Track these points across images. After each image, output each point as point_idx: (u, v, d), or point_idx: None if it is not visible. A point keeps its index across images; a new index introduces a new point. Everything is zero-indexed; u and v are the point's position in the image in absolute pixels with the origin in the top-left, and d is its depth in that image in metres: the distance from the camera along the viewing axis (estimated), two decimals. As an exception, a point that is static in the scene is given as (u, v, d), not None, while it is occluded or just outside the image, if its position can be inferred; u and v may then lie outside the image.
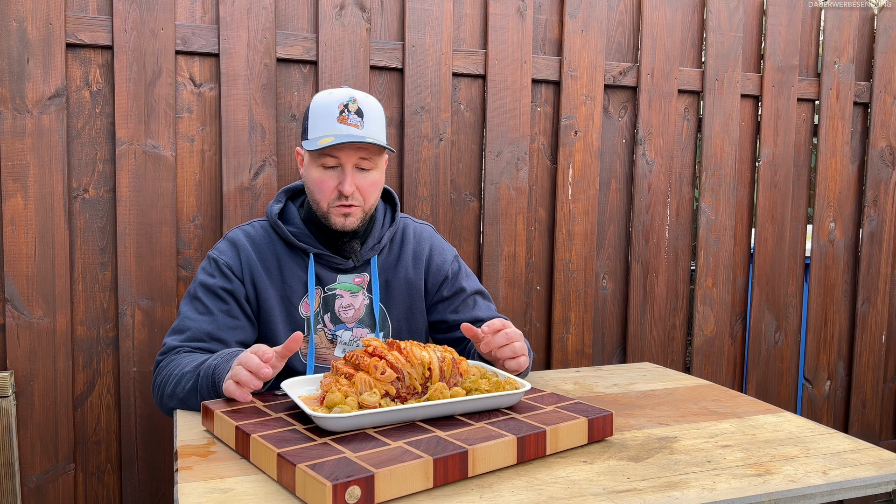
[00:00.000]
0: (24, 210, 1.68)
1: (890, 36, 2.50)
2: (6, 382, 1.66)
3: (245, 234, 1.53)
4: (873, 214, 2.54)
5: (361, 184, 1.45)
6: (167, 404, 1.38)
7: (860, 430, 2.59)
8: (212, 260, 1.50)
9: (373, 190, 1.47)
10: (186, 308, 1.47)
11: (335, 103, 1.43)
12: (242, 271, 1.49)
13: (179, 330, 1.45)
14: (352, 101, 1.43)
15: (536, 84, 2.12)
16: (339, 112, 1.42)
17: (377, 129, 1.46)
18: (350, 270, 1.54)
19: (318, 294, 1.51)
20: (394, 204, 1.63)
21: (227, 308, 1.46)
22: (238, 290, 1.47)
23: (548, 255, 2.17)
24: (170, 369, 1.38)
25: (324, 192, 1.44)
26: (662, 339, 2.31)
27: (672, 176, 2.27)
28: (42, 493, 1.74)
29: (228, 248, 1.51)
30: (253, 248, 1.51)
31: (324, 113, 1.43)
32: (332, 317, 1.52)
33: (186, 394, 1.32)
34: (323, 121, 1.43)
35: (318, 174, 1.45)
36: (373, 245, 1.55)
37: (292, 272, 1.50)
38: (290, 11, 1.87)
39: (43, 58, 1.66)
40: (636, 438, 1.20)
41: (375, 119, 1.46)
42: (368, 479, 0.89)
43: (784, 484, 1.02)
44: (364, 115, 1.43)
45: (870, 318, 2.57)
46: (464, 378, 1.20)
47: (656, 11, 2.21)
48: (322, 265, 1.52)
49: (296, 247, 1.51)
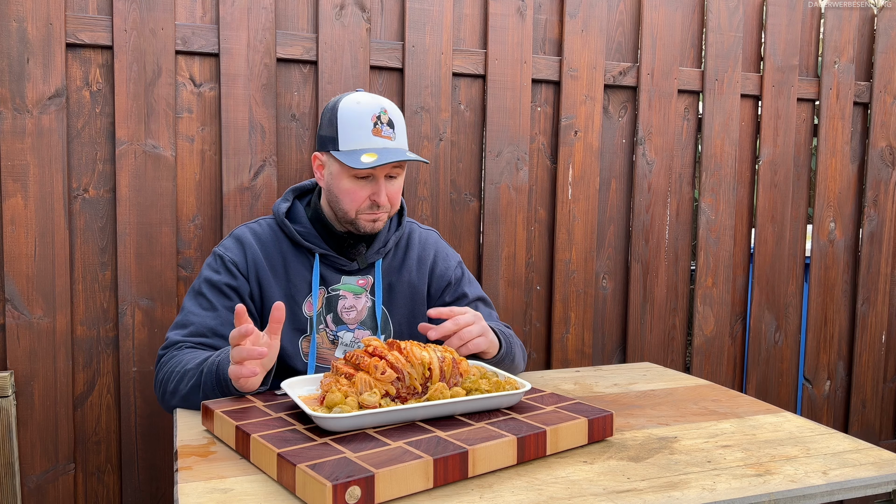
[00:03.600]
0: (24, 210, 1.68)
1: (890, 36, 2.50)
2: (6, 382, 1.66)
3: (252, 231, 1.53)
4: (873, 214, 2.54)
5: (391, 192, 1.47)
6: (169, 402, 1.37)
7: (860, 430, 2.59)
8: (217, 256, 1.50)
9: (398, 195, 1.50)
10: (190, 303, 1.47)
11: (367, 114, 1.42)
12: (248, 269, 1.49)
13: (182, 325, 1.44)
14: (383, 112, 1.43)
15: (536, 84, 2.12)
16: (372, 124, 1.42)
17: (404, 137, 1.48)
18: (354, 272, 1.54)
19: (321, 294, 1.51)
20: (401, 208, 1.63)
21: (231, 305, 1.46)
22: (243, 288, 1.48)
23: (548, 255, 2.17)
24: (171, 365, 1.38)
25: (356, 202, 1.45)
26: (662, 338, 2.31)
27: (672, 176, 2.27)
28: (42, 493, 1.74)
29: (235, 245, 1.51)
30: (259, 245, 1.51)
31: (357, 124, 1.42)
32: (334, 317, 1.52)
33: (189, 391, 1.32)
34: (357, 133, 1.42)
35: (349, 185, 1.44)
36: (378, 248, 1.55)
37: (297, 271, 1.51)
38: (290, 11, 1.87)
39: (43, 58, 1.66)
40: (636, 438, 1.20)
41: (402, 128, 1.47)
42: (368, 479, 0.89)
43: (784, 484, 1.02)
44: (395, 126, 1.44)
45: (870, 318, 2.57)
46: (464, 378, 1.20)
47: (656, 11, 2.21)
48: (327, 266, 1.52)
49: (302, 246, 1.51)
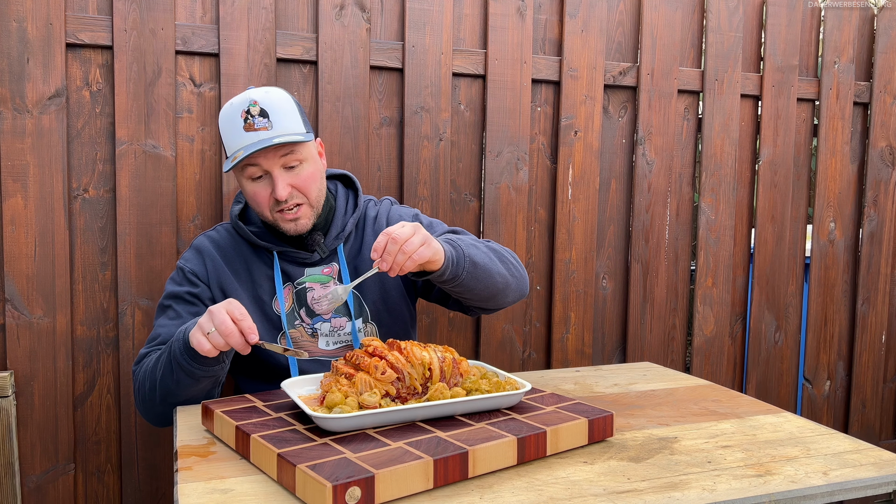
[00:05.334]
0: (24, 210, 1.67)
1: (890, 36, 2.50)
2: (6, 382, 1.66)
3: (210, 239, 1.53)
4: (873, 214, 2.54)
5: (295, 182, 1.40)
6: (148, 406, 1.36)
7: (860, 430, 2.59)
8: (178, 269, 1.50)
9: (310, 183, 1.42)
10: (158, 318, 1.47)
11: (236, 113, 1.37)
12: (208, 276, 1.48)
13: (152, 339, 1.45)
14: (252, 104, 1.37)
15: (536, 84, 2.12)
16: (243, 121, 1.36)
17: (289, 123, 1.39)
18: (317, 263, 1.52)
19: (289, 291, 1.50)
20: (355, 190, 1.60)
21: (197, 311, 1.45)
22: (203, 294, 1.47)
23: (548, 255, 2.17)
24: (143, 368, 1.38)
25: (261, 204, 1.42)
26: (662, 339, 2.31)
27: (672, 176, 2.27)
28: (42, 493, 1.74)
29: (193, 255, 1.51)
30: (218, 252, 1.50)
31: (230, 127, 1.39)
32: (307, 311, 1.50)
33: (163, 372, 1.30)
34: (232, 135, 1.38)
35: (249, 188, 1.42)
36: (337, 234, 1.53)
37: (260, 271, 1.50)
38: (290, 11, 1.87)
39: (43, 58, 1.66)
40: (636, 439, 1.20)
41: (284, 112, 1.39)
42: (369, 479, 0.89)
43: (784, 485, 1.02)
44: (270, 113, 1.37)
45: (870, 318, 2.57)
46: (464, 378, 1.20)
47: (656, 11, 2.20)
48: (287, 261, 1.51)
49: (259, 246, 1.50)
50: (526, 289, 1.53)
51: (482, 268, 1.37)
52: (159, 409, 1.35)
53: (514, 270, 1.47)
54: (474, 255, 1.36)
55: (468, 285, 1.37)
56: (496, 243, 1.53)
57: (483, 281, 1.38)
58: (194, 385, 1.29)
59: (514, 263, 1.49)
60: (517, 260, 1.52)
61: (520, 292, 1.52)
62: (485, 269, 1.38)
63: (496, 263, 1.42)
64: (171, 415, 1.36)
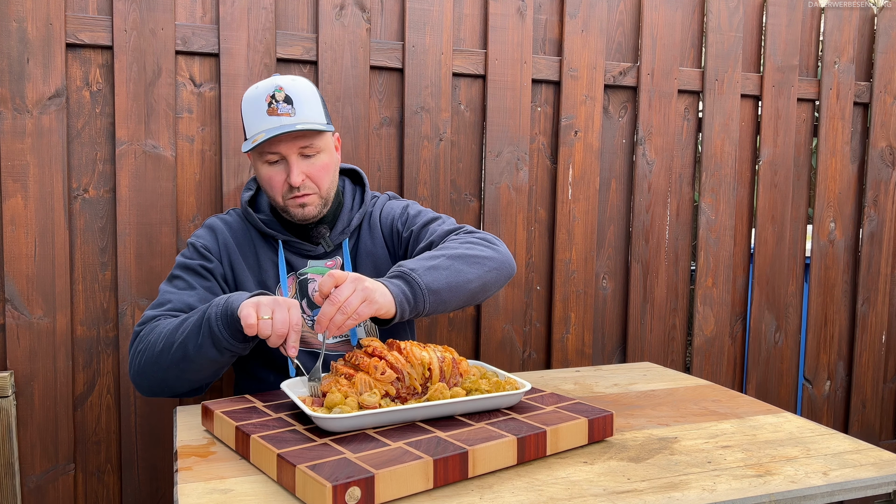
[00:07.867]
0: (24, 210, 1.67)
1: (890, 36, 2.50)
2: (6, 382, 1.66)
3: (222, 220, 1.55)
4: (873, 214, 2.54)
5: (310, 171, 1.42)
6: (147, 369, 1.30)
7: (860, 430, 2.59)
8: (189, 244, 1.50)
9: (324, 174, 1.44)
10: (166, 286, 1.44)
11: (261, 96, 1.40)
12: (220, 253, 1.49)
13: (160, 303, 1.40)
14: (278, 90, 1.39)
15: (536, 84, 2.12)
16: (267, 105, 1.38)
17: (312, 112, 1.41)
18: (322, 256, 1.53)
19: (292, 280, 1.51)
20: (363, 186, 1.60)
21: (209, 285, 1.45)
22: (216, 269, 1.47)
23: (548, 255, 2.17)
24: (157, 331, 1.31)
25: (275, 188, 1.44)
26: (662, 339, 2.31)
27: (672, 176, 2.27)
28: (42, 493, 1.74)
29: (206, 232, 1.52)
30: (230, 233, 1.52)
31: (253, 109, 1.41)
32: (308, 302, 1.51)
33: (187, 334, 1.24)
34: (254, 118, 1.41)
35: (264, 171, 1.44)
36: (343, 229, 1.54)
37: (267, 258, 1.51)
38: (290, 11, 1.87)
39: (43, 58, 1.66)
40: (636, 439, 1.20)
41: (308, 101, 1.41)
42: (368, 479, 0.89)
43: (784, 485, 1.02)
44: (294, 100, 1.39)
45: (870, 318, 2.57)
46: (464, 378, 1.20)
47: (656, 11, 2.20)
48: (292, 252, 1.52)
49: (266, 234, 1.52)
50: (510, 269, 1.42)
51: (448, 289, 1.28)
52: (161, 374, 1.29)
53: (488, 263, 1.36)
54: (435, 283, 1.26)
55: (439, 310, 1.30)
56: (467, 235, 1.43)
57: (455, 299, 1.31)
58: (210, 357, 1.24)
59: (487, 256, 1.37)
60: (491, 244, 1.41)
61: (504, 278, 1.41)
62: (451, 288, 1.29)
63: (464, 272, 1.31)
64: (163, 386, 1.32)
